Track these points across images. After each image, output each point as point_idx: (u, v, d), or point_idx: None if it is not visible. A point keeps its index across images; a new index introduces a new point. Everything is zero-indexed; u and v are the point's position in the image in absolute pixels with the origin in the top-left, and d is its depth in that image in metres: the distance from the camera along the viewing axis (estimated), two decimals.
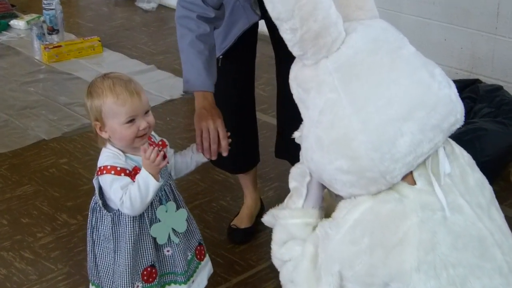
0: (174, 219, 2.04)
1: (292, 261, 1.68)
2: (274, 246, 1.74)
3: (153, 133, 2.02)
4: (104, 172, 1.91)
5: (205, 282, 2.19)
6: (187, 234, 2.10)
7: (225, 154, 2.13)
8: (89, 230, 2.04)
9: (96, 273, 2.08)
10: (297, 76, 1.64)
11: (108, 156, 1.93)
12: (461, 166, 1.63)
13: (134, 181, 1.87)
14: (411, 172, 1.56)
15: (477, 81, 3.44)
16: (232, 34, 2.39)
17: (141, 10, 5.60)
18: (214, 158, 2.12)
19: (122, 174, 1.90)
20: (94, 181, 1.98)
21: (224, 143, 2.11)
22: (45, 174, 3.28)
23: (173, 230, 2.03)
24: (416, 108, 1.51)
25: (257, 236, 2.77)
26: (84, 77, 4.20)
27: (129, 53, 4.83)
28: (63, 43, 4.50)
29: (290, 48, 1.58)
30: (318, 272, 1.60)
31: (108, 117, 1.88)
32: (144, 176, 1.86)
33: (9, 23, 4.81)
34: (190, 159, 2.14)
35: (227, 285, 2.55)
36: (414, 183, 1.57)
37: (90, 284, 2.12)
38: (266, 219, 1.80)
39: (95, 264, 2.06)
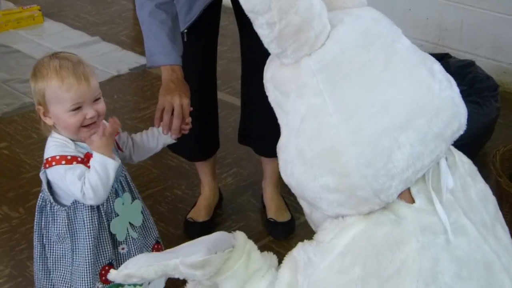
0: (130, 212, 1.91)
1: None
2: None
3: (104, 121, 1.83)
4: (53, 163, 1.75)
5: (162, 284, 2.04)
6: (143, 231, 1.98)
7: (185, 132, 1.98)
8: (37, 233, 1.87)
9: (48, 281, 1.91)
10: (273, 77, 1.45)
11: (55, 145, 1.78)
12: (462, 177, 1.48)
13: (89, 168, 1.74)
14: (408, 188, 1.39)
15: (446, 56, 3.25)
16: (197, 5, 2.20)
17: None
18: (175, 135, 1.96)
19: (74, 163, 1.75)
20: (41, 175, 1.81)
21: (188, 120, 1.97)
22: None
23: (130, 224, 1.91)
24: (416, 115, 1.34)
25: (216, 230, 2.51)
26: (24, 50, 3.96)
27: (72, 23, 4.58)
28: (0, 13, 4.27)
29: (266, 45, 1.39)
30: None
31: (51, 102, 1.74)
32: (98, 159, 1.73)
33: None
34: (156, 140, 1.99)
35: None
36: (412, 201, 1.40)
37: None
38: None
39: (45, 272, 1.90)
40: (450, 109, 1.38)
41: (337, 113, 1.33)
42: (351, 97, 1.34)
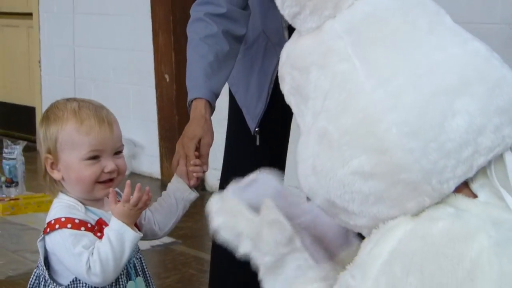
0: None
1: None
2: None
3: (117, 189, 1.59)
4: (57, 226, 1.47)
5: None
6: None
7: (199, 174, 1.75)
8: None
9: None
10: (289, 54, 1.24)
11: (61, 206, 1.52)
12: None
13: (100, 239, 1.49)
14: (466, 183, 1.11)
15: None
16: (266, 87, 2.00)
17: None
18: (193, 181, 1.73)
19: (83, 229, 1.49)
20: (39, 243, 1.53)
21: (198, 161, 1.74)
22: None
23: None
24: (473, 80, 1.09)
25: None
26: (41, 228, 3.69)
27: None
28: (21, 197, 4.13)
29: (280, 5, 1.20)
30: None
31: (64, 148, 1.51)
32: (116, 227, 1.47)
33: None
34: (174, 200, 1.71)
35: None
36: (474, 196, 1.11)
37: None
38: None
39: None
40: None
41: (369, 77, 1.10)
42: (388, 61, 1.11)
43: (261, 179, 1.39)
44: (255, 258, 1.26)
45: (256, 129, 2.02)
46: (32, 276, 1.58)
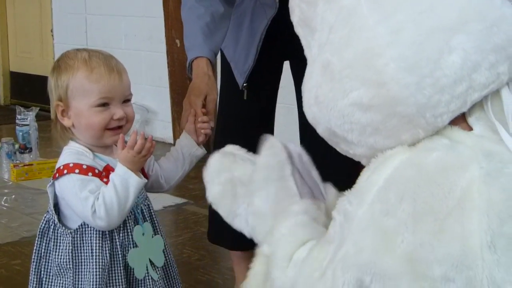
0: (151, 246, 1.63)
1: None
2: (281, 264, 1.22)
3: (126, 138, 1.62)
4: (65, 171, 1.50)
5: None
6: (166, 278, 1.69)
7: (206, 131, 1.77)
8: (34, 263, 1.59)
9: None
10: None
11: (70, 152, 1.55)
12: None
13: (106, 184, 1.52)
14: (463, 116, 1.11)
15: None
16: (254, 45, 2.02)
17: None
18: (201, 137, 1.76)
19: (90, 174, 1.52)
20: (48, 188, 1.56)
21: (206, 118, 1.77)
22: None
23: (151, 262, 1.62)
24: (471, 18, 1.09)
25: None
26: None
27: None
28: (35, 162, 4.17)
29: None
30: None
31: (75, 95, 1.53)
32: (120, 172, 1.50)
33: None
34: (181, 155, 1.74)
35: None
36: (469, 129, 1.11)
37: None
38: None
39: None
40: None
41: (373, 13, 1.10)
42: None
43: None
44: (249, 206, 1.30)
45: (244, 84, 2.04)
46: (42, 221, 1.60)
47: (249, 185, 1.31)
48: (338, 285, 1.08)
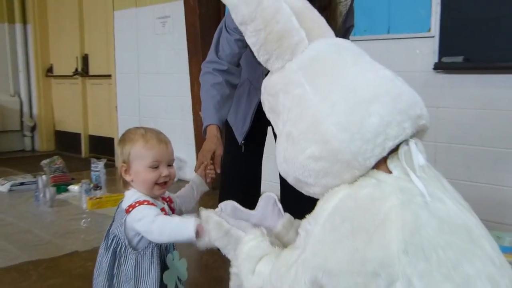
0: (178, 267, 1.56)
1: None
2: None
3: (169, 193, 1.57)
4: (137, 205, 1.43)
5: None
6: None
7: (212, 175, 1.73)
8: (107, 272, 1.50)
9: None
10: (266, 86, 1.24)
11: (136, 194, 1.48)
12: (436, 173, 1.16)
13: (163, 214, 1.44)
14: (385, 162, 1.10)
15: None
16: (249, 115, 2.01)
17: None
18: (209, 179, 1.71)
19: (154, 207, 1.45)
20: (123, 220, 1.47)
21: (212, 167, 1.74)
22: (72, 273, 2.74)
23: (178, 279, 1.55)
24: (382, 94, 1.09)
25: None
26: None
27: None
28: (104, 196, 4.11)
29: (256, 54, 1.19)
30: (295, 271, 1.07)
31: (135, 159, 1.48)
32: (189, 227, 1.35)
33: (68, 187, 4.47)
34: (194, 190, 1.68)
35: None
36: (389, 172, 1.09)
37: None
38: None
39: None
40: (412, 96, 1.12)
41: (316, 96, 1.10)
42: (326, 84, 1.11)
43: (227, 205, 1.40)
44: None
45: (242, 142, 2.03)
46: (109, 238, 1.54)
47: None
48: (299, 279, 1.07)
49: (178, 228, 1.38)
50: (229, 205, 1.39)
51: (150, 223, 1.40)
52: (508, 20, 2.67)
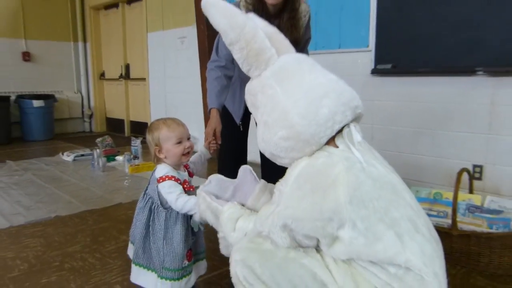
0: (196, 223, 1.50)
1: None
2: (231, 235, 1.16)
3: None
4: (166, 179, 1.39)
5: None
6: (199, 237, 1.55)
7: (214, 148, 1.67)
8: (145, 223, 1.44)
9: (145, 256, 1.46)
10: (248, 88, 1.20)
11: (165, 168, 1.43)
12: (370, 146, 1.14)
13: (185, 192, 1.40)
14: (333, 140, 1.07)
15: None
16: (243, 103, 1.95)
17: None
18: (212, 150, 1.65)
19: (178, 183, 1.41)
20: (156, 187, 1.42)
21: (214, 140, 1.68)
22: (117, 219, 2.68)
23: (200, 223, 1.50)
24: (330, 92, 1.06)
25: None
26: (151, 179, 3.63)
27: None
28: (141, 164, 4.03)
29: (241, 66, 1.15)
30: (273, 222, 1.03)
31: (164, 141, 1.43)
32: (195, 209, 1.35)
33: (115, 158, 4.36)
34: (202, 157, 1.61)
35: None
36: (337, 147, 1.07)
37: (134, 265, 1.49)
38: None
39: (143, 250, 1.46)
40: (351, 93, 1.09)
41: (283, 94, 1.07)
42: (291, 86, 1.08)
43: (213, 177, 1.35)
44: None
45: (240, 123, 1.98)
46: (145, 197, 1.47)
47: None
48: (275, 225, 1.04)
49: (190, 209, 1.37)
50: (215, 177, 1.35)
51: (175, 200, 1.38)
52: (424, 38, 2.71)
